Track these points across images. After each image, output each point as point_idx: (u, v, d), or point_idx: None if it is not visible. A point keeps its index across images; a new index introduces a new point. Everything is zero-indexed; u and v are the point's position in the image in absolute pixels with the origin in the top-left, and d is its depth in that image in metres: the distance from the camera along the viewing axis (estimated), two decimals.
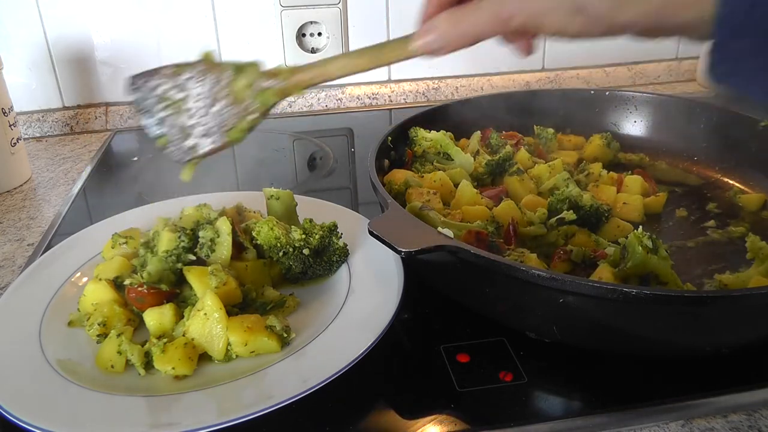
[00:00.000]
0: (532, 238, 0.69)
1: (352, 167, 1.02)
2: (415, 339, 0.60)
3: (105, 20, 1.16)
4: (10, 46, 1.13)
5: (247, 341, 0.54)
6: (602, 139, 0.91)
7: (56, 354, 0.55)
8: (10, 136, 0.94)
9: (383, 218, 0.57)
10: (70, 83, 1.19)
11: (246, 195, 0.77)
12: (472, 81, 1.32)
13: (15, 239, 0.82)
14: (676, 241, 0.73)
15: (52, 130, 1.19)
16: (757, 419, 0.50)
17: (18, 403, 0.48)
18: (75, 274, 0.66)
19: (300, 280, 0.65)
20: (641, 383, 0.54)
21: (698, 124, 0.89)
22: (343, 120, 1.24)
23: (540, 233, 0.68)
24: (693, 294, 0.50)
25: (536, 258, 0.63)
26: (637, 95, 0.94)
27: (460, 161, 0.83)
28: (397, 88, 1.30)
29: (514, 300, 0.55)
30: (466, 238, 0.62)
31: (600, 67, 1.37)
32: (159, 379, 0.54)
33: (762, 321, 0.51)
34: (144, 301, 0.58)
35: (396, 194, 0.74)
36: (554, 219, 0.70)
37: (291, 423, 0.50)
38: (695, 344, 0.53)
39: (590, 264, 0.64)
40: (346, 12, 1.22)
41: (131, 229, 0.69)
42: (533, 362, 0.56)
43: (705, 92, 1.31)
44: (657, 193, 0.81)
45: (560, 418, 0.51)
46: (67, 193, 0.95)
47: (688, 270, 0.67)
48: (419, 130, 0.85)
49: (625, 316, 0.51)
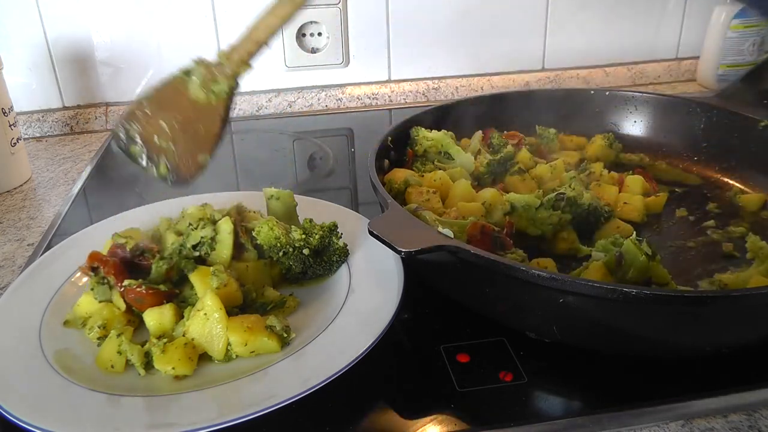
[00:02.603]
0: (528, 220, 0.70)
1: (352, 167, 1.02)
2: (415, 339, 0.60)
3: (105, 20, 1.16)
4: (10, 46, 1.13)
5: (247, 341, 0.54)
6: (604, 139, 0.91)
7: (56, 354, 0.55)
8: (10, 136, 0.94)
9: (383, 218, 0.57)
10: (70, 83, 1.19)
11: (246, 195, 0.77)
12: (472, 81, 1.32)
13: (15, 239, 0.82)
14: (676, 241, 0.73)
15: (52, 130, 1.19)
16: (757, 419, 0.50)
17: (18, 403, 0.48)
18: (75, 274, 0.66)
19: (300, 280, 0.65)
20: (641, 383, 0.54)
21: (698, 124, 0.89)
22: (343, 120, 1.24)
23: (532, 203, 0.69)
24: (693, 294, 0.51)
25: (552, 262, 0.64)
26: (637, 95, 0.94)
27: (461, 161, 0.83)
28: (397, 88, 1.30)
29: (514, 300, 0.55)
30: (471, 230, 0.63)
31: (600, 67, 1.37)
32: (159, 379, 0.54)
33: (762, 321, 0.51)
34: (143, 301, 0.58)
35: (396, 193, 0.74)
36: (553, 195, 0.70)
37: (291, 423, 0.50)
38: (695, 344, 0.53)
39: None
40: (346, 12, 1.22)
41: (131, 229, 0.69)
42: (533, 362, 0.56)
43: (705, 92, 1.32)
44: (657, 193, 0.81)
45: (560, 418, 0.51)
46: (67, 193, 0.95)
47: (688, 270, 0.67)
48: (420, 129, 0.85)
49: (625, 316, 0.51)
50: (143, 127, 0.57)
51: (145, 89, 0.59)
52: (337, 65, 1.25)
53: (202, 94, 0.57)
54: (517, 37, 1.31)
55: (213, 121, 0.58)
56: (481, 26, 1.28)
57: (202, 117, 0.57)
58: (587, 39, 1.34)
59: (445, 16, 1.26)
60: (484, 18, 1.28)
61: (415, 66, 1.30)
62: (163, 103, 0.57)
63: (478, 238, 0.62)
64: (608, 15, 1.32)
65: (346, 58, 1.26)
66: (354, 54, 1.26)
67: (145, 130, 0.57)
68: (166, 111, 0.57)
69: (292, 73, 1.25)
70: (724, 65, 1.31)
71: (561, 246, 0.70)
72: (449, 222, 0.65)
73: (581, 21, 1.32)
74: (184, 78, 0.59)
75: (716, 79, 1.32)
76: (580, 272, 0.62)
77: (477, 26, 1.28)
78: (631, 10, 1.33)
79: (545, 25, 1.31)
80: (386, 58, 1.28)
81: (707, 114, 0.88)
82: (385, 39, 1.26)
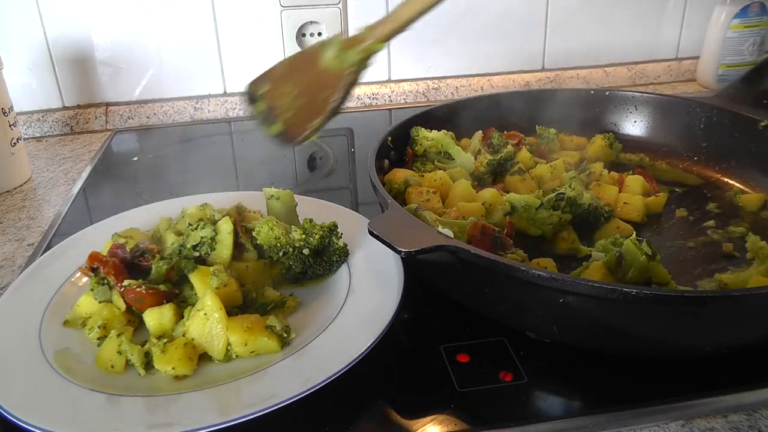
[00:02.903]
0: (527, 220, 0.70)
1: (352, 167, 1.02)
2: (415, 339, 0.60)
3: (105, 20, 1.16)
4: (10, 46, 1.13)
5: (247, 341, 0.54)
6: (605, 139, 0.91)
7: (56, 354, 0.55)
8: (10, 136, 0.94)
9: (383, 218, 0.57)
10: (70, 83, 1.19)
11: (246, 195, 0.77)
12: (472, 81, 1.32)
13: (15, 239, 0.82)
14: (676, 241, 0.73)
15: (52, 130, 1.19)
16: (757, 419, 0.50)
17: (18, 403, 0.48)
18: (75, 274, 0.66)
19: (300, 280, 0.65)
20: (641, 383, 0.54)
21: (698, 124, 0.89)
22: (343, 120, 1.24)
23: (532, 203, 0.70)
24: (693, 294, 0.51)
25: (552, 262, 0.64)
26: (637, 95, 0.94)
27: (461, 161, 0.83)
28: (397, 88, 1.30)
29: (514, 300, 0.55)
30: (472, 231, 0.63)
31: (600, 67, 1.37)
32: (159, 379, 0.54)
33: (762, 321, 0.51)
34: (143, 301, 0.58)
35: (396, 193, 0.74)
36: (553, 195, 0.70)
37: (291, 423, 0.50)
38: (695, 344, 0.53)
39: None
40: (346, 12, 1.22)
41: (131, 229, 0.69)
42: (533, 362, 0.56)
43: (705, 92, 1.32)
44: (657, 193, 0.81)
45: (560, 418, 0.51)
46: (67, 193, 0.95)
47: (689, 270, 0.67)
48: (420, 129, 0.85)
49: (625, 316, 0.51)
50: (270, 89, 0.61)
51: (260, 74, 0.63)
52: None
53: (333, 62, 0.60)
54: (517, 37, 1.31)
55: (335, 90, 0.61)
56: (481, 26, 1.28)
57: (327, 86, 0.61)
58: (587, 39, 1.34)
59: (445, 16, 1.26)
60: (484, 18, 1.28)
61: (415, 66, 1.30)
62: (293, 68, 0.62)
63: (478, 239, 0.62)
64: (608, 15, 1.32)
65: None
66: None
67: (270, 92, 0.61)
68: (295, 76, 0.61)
69: None
70: (724, 65, 1.31)
71: (561, 246, 0.70)
72: (449, 222, 0.65)
73: (581, 21, 1.32)
74: (320, 48, 0.61)
75: (716, 79, 1.32)
76: (580, 272, 0.62)
77: (477, 26, 1.28)
78: (631, 10, 1.33)
79: (545, 25, 1.31)
80: (386, 58, 1.28)
81: (707, 114, 0.88)
82: None
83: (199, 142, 1.13)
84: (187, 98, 1.23)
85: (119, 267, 0.59)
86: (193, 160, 1.07)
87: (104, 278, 0.60)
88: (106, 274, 0.59)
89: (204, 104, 1.24)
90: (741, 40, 1.28)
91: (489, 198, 0.72)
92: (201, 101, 1.23)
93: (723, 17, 1.28)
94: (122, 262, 0.60)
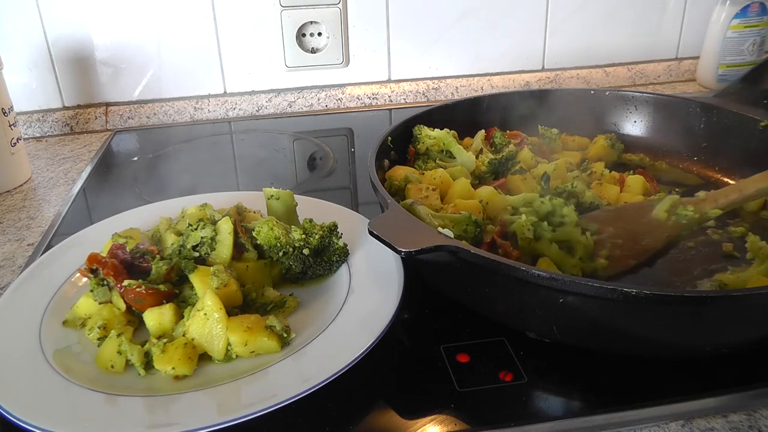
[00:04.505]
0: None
1: (352, 167, 1.02)
2: (415, 339, 0.60)
3: (105, 20, 1.16)
4: (10, 46, 1.13)
5: (247, 341, 0.54)
6: (606, 140, 0.91)
7: (56, 354, 0.55)
8: (10, 136, 0.94)
9: (383, 218, 0.57)
10: (70, 83, 1.19)
11: (246, 195, 0.77)
12: (472, 81, 1.32)
13: (15, 239, 0.82)
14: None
15: (52, 130, 1.19)
16: (757, 419, 0.50)
17: (18, 403, 0.48)
18: (75, 274, 0.66)
19: (300, 280, 0.65)
20: (641, 383, 0.54)
21: (698, 124, 0.89)
22: (343, 120, 1.24)
23: (530, 199, 0.71)
24: (693, 294, 0.50)
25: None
26: (637, 95, 0.94)
27: (462, 159, 0.83)
28: (397, 88, 1.30)
29: (514, 300, 0.55)
30: (499, 232, 0.65)
31: (600, 67, 1.37)
32: (159, 379, 0.54)
33: (762, 321, 0.51)
34: (143, 301, 0.58)
35: (396, 190, 0.74)
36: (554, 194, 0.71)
37: (291, 423, 0.50)
38: (695, 344, 0.53)
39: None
40: (346, 12, 1.22)
41: (131, 229, 0.69)
42: (533, 362, 0.56)
43: (705, 92, 1.32)
44: (658, 192, 0.81)
45: (560, 418, 0.51)
46: (67, 193, 0.95)
47: (688, 270, 0.67)
48: (423, 127, 0.85)
49: (625, 316, 0.51)
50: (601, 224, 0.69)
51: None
52: (337, 65, 1.25)
53: (664, 215, 0.69)
54: (517, 37, 1.31)
55: (658, 238, 0.68)
56: (481, 26, 1.28)
57: (650, 233, 0.68)
58: (587, 39, 1.34)
59: (445, 16, 1.26)
60: (484, 18, 1.28)
61: (415, 66, 1.30)
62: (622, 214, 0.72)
63: (499, 240, 0.64)
64: (608, 15, 1.32)
65: (346, 58, 1.26)
66: (354, 54, 1.26)
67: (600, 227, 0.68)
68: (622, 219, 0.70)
69: (292, 73, 1.25)
70: (724, 65, 1.31)
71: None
72: (442, 216, 0.65)
73: (581, 21, 1.32)
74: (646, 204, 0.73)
75: (716, 79, 1.32)
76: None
77: (477, 26, 1.28)
78: (631, 10, 1.33)
79: (545, 25, 1.31)
80: (386, 58, 1.28)
81: (707, 114, 0.88)
82: (385, 39, 1.26)
83: (199, 142, 1.13)
84: (187, 98, 1.24)
85: (118, 268, 0.59)
86: (193, 160, 1.07)
87: (103, 279, 0.60)
88: (105, 275, 0.59)
89: (204, 104, 1.24)
90: (741, 40, 1.28)
91: (486, 196, 0.72)
92: (201, 101, 1.23)
93: (723, 17, 1.28)
94: (122, 262, 0.60)
